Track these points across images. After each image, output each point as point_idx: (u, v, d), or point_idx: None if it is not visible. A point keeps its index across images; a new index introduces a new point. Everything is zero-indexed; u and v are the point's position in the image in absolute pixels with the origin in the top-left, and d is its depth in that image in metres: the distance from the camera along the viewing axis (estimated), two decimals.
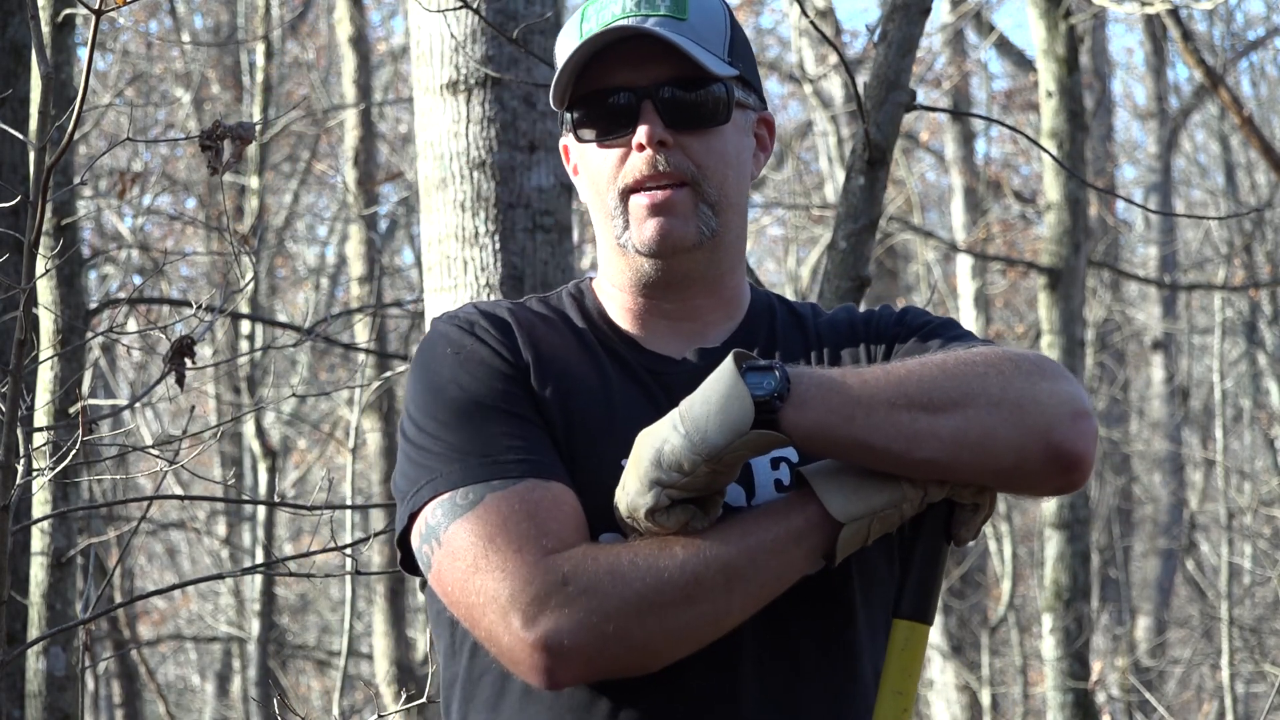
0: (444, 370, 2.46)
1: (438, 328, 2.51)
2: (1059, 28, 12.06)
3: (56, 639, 6.42)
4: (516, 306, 2.55)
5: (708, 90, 2.49)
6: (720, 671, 2.38)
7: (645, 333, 2.54)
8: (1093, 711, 11.87)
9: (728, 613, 2.32)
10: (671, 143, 2.47)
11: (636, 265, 2.52)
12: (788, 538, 2.33)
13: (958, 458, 2.33)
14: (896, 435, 2.31)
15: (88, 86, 3.08)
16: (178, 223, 19.18)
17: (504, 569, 2.32)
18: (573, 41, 2.51)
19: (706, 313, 2.55)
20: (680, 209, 2.48)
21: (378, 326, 14.80)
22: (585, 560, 2.31)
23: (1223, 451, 14.77)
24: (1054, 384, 2.36)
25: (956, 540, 2.40)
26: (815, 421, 2.31)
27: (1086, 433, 2.35)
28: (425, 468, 2.42)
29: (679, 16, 2.49)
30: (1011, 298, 22.33)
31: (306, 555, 4.20)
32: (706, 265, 2.52)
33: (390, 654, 14.67)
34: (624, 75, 2.48)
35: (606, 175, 2.50)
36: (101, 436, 4.70)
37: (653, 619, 2.30)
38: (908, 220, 17.03)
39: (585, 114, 2.51)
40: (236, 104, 18.35)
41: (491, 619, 2.33)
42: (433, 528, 2.39)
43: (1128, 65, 36.22)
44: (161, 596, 18.93)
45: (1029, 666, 17.01)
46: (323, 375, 20.62)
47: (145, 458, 10.30)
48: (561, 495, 2.38)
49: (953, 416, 2.33)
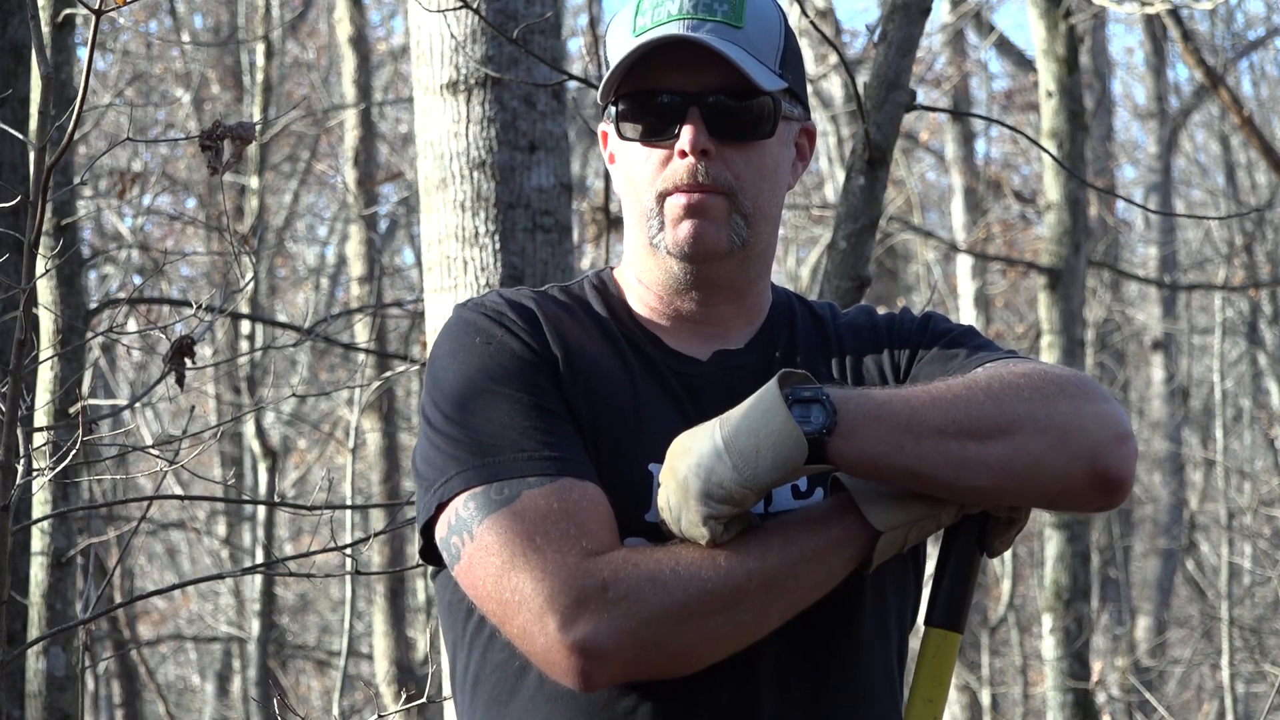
0: (473, 359, 2.44)
1: (464, 315, 2.49)
2: (1059, 28, 12.06)
3: (56, 639, 6.42)
4: (540, 296, 2.53)
5: (755, 102, 2.49)
6: (738, 673, 2.38)
7: (668, 330, 2.54)
8: (1093, 711, 11.87)
9: (766, 621, 2.33)
10: (714, 153, 2.47)
11: (667, 266, 2.51)
12: (828, 547, 2.34)
13: (1005, 486, 2.34)
14: (945, 464, 2.32)
15: (88, 86, 3.08)
16: (178, 223, 19.19)
17: (544, 568, 2.31)
18: (626, 34, 2.50)
19: (730, 318, 2.54)
20: (715, 214, 2.47)
21: (378, 326, 14.80)
22: (626, 565, 2.31)
23: (1223, 451, 14.77)
24: (1097, 406, 2.37)
25: (990, 552, 2.42)
26: (862, 451, 2.31)
27: (1129, 455, 2.37)
28: (455, 458, 2.40)
29: (735, 24, 2.48)
30: (1011, 298, 22.33)
31: (306, 555, 4.19)
32: (735, 273, 2.52)
33: (390, 654, 14.67)
34: (674, 78, 2.47)
35: (646, 176, 2.50)
36: (101, 436, 4.70)
37: (693, 626, 2.30)
38: (908, 220, 17.03)
39: (631, 110, 2.50)
40: (236, 104, 18.36)
41: (526, 618, 2.32)
42: (465, 520, 2.37)
43: (1128, 65, 36.21)
44: (161, 596, 18.93)
45: (1029, 666, 17.01)
46: (323, 375, 20.61)
47: (145, 458, 10.30)
48: (596, 496, 2.37)
49: (1000, 444, 2.33)
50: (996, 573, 17.98)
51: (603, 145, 2.60)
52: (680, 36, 2.45)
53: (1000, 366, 2.45)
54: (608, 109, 2.54)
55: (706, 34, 2.46)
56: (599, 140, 2.62)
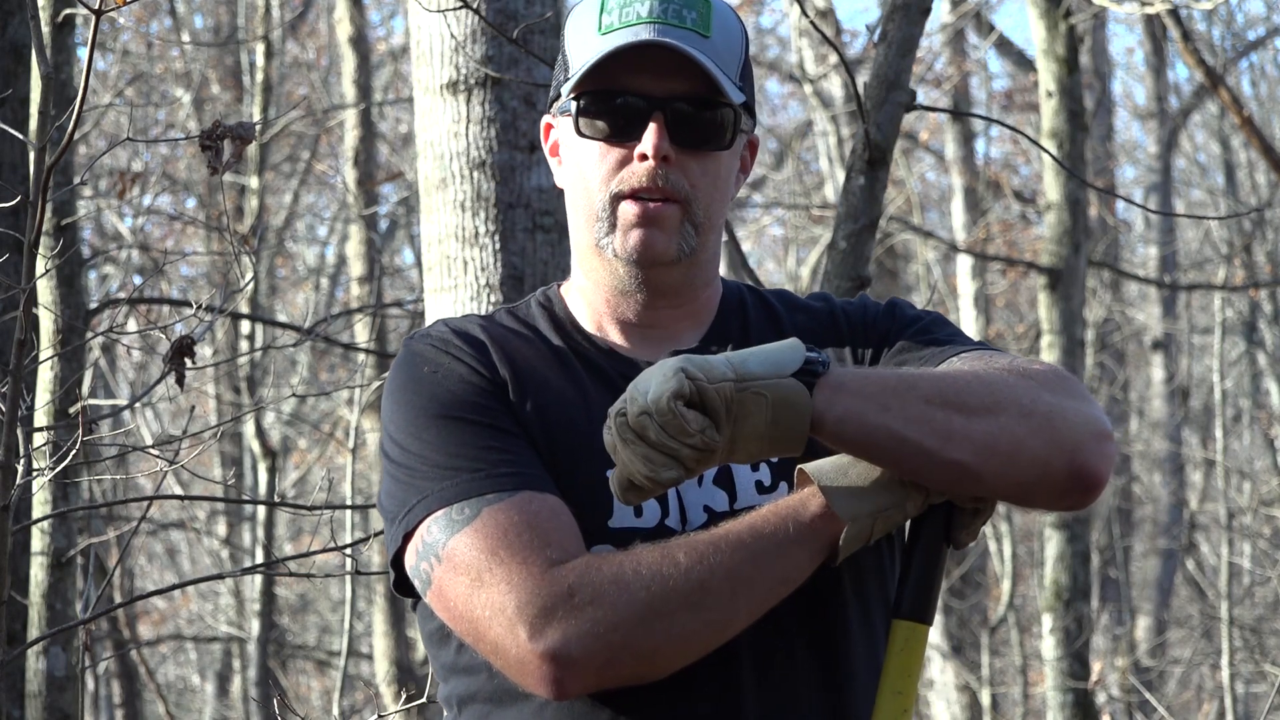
0: (424, 390, 2.44)
1: (412, 348, 2.50)
2: (1059, 28, 12.06)
3: (56, 639, 6.42)
4: (487, 322, 2.53)
5: (717, 113, 2.48)
6: (719, 673, 2.37)
7: (618, 338, 2.54)
8: (1093, 711, 11.87)
9: (734, 617, 2.32)
10: (674, 159, 2.46)
11: (613, 269, 2.51)
12: (793, 540, 2.33)
13: (986, 464, 2.32)
14: (930, 431, 2.30)
15: (88, 86, 3.08)
16: (178, 223, 19.18)
17: (509, 581, 2.31)
18: (591, 32, 2.49)
19: (676, 321, 2.54)
20: (667, 224, 2.47)
21: (378, 326, 14.80)
22: (589, 570, 2.30)
23: (1223, 451, 14.77)
24: (1079, 403, 2.37)
25: (955, 543, 2.40)
26: (848, 405, 2.30)
27: (1108, 455, 2.37)
28: (414, 487, 2.40)
29: (703, 33, 2.47)
30: (1012, 298, 22.33)
31: (306, 555, 4.19)
32: (681, 280, 2.52)
33: (390, 654, 14.67)
34: (640, 81, 2.47)
35: (601, 176, 2.49)
36: (101, 436, 4.70)
37: (660, 626, 2.29)
38: (908, 220, 17.03)
39: (593, 108, 2.49)
40: (236, 104, 18.35)
41: (498, 632, 2.32)
42: (430, 545, 2.38)
43: (1128, 65, 36.24)
44: (161, 596, 18.93)
45: (1029, 666, 17.01)
46: (323, 375, 20.61)
47: (145, 458, 10.29)
48: (557, 506, 2.37)
49: (985, 421, 2.32)
50: (997, 573, 17.97)
51: (544, 138, 2.59)
52: (652, 40, 2.44)
53: (979, 357, 2.45)
54: (564, 104, 2.52)
55: (676, 40, 2.45)
56: (540, 132, 2.61)
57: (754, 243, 23.36)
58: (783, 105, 24.71)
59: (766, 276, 22.56)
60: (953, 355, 2.47)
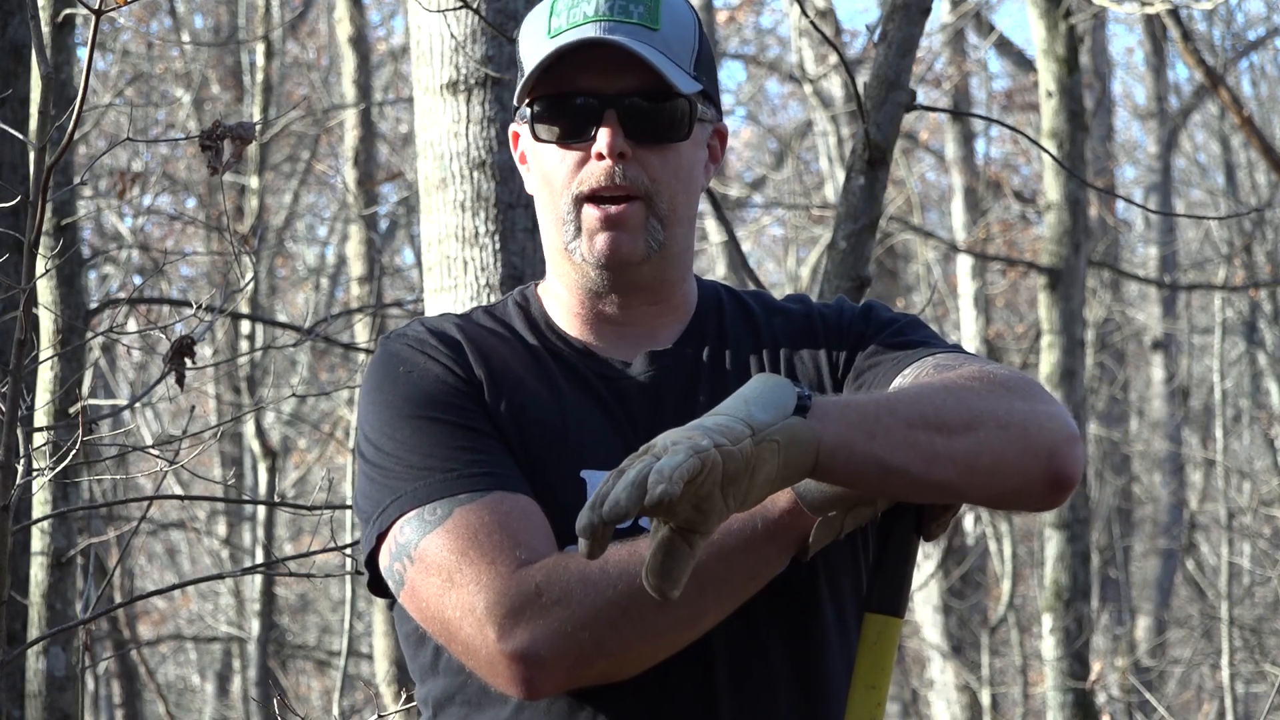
0: (398, 389, 2.44)
1: (388, 348, 2.49)
2: (1059, 28, 12.06)
3: (56, 639, 6.42)
4: (464, 321, 2.53)
5: (671, 105, 2.48)
6: (695, 674, 2.37)
7: (593, 338, 2.53)
8: (1093, 711, 11.88)
9: (703, 614, 2.31)
10: (631, 155, 2.46)
11: (583, 272, 2.51)
12: (761, 535, 2.31)
13: (970, 481, 2.31)
14: (915, 456, 2.27)
15: (88, 86, 3.08)
16: (178, 223, 19.19)
17: (479, 581, 2.31)
18: (541, 35, 2.51)
19: (653, 318, 2.54)
20: (631, 224, 2.47)
21: (378, 326, 14.80)
22: (557, 569, 2.30)
23: (1223, 451, 14.77)
24: (1048, 407, 2.37)
25: (926, 536, 2.39)
26: (837, 435, 2.25)
27: (1079, 458, 2.37)
28: (388, 487, 2.40)
29: (651, 26, 2.47)
30: (1011, 298, 22.33)
31: (306, 555, 4.20)
32: (653, 276, 2.52)
33: (390, 654, 14.66)
34: (590, 80, 2.47)
35: (561, 179, 2.49)
36: (101, 436, 4.70)
37: (628, 624, 2.28)
38: (908, 220, 17.03)
39: (546, 112, 2.50)
40: (236, 104, 18.36)
41: (469, 632, 2.31)
42: (403, 545, 2.38)
43: (1128, 65, 36.21)
44: (161, 596, 18.93)
45: (1029, 666, 17.01)
46: (323, 375, 20.61)
47: (145, 458, 10.29)
48: (529, 506, 2.36)
49: (966, 438, 2.30)
50: (997, 573, 17.97)
51: (513, 146, 2.59)
52: (596, 39, 2.45)
53: (950, 359, 2.44)
54: (521, 110, 2.53)
55: (622, 36, 2.45)
56: (509, 141, 2.61)
57: (754, 243, 23.36)
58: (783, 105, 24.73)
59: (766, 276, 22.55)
60: (925, 356, 2.46)
